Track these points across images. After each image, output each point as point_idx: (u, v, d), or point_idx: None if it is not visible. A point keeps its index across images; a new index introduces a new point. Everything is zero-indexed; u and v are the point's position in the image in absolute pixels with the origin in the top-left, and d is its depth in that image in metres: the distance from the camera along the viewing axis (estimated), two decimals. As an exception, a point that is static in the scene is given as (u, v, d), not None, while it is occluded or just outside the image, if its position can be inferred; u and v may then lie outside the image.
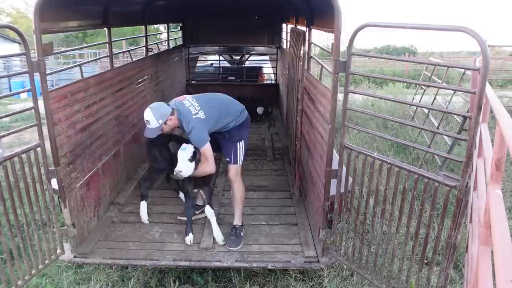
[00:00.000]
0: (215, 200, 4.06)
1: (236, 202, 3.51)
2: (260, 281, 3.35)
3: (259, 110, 7.73)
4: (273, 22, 8.42)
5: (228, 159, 3.44)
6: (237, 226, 3.45)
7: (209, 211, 3.46)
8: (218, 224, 3.48)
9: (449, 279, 2.49)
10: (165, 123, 3.11)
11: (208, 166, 3.20)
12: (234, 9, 7.50)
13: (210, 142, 3.20)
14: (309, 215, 3.81)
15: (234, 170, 3.45)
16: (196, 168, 3.17)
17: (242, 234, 3.44)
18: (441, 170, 5.35)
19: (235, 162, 3.42)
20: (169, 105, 3.21)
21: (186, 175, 3.16)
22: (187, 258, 3.18)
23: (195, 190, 3.64)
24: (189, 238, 3.37)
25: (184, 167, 3.10)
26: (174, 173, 3.16)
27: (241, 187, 3.51)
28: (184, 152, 3.12)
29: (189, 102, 3.20)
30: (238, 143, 3.40)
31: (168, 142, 3.36)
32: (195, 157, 3.15)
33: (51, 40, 7.30)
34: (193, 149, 3.13)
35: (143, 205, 3.75)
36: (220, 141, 3.47)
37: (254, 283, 3.32)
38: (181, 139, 3.47)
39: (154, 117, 3.07)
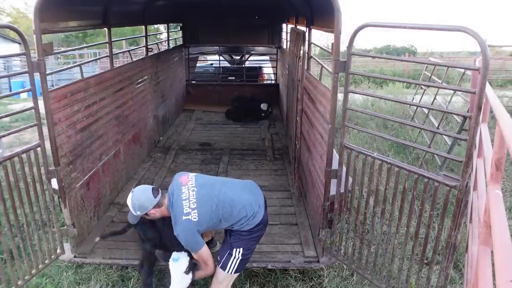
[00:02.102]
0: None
1: None
2: (260, 281, 3.35)
3: (263, 106, 7.67)
4: (273, 22, 8.43)
5: (219, 258, 2.73)
6: None
7: None
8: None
9: (449, 279, 2.49)
10: (146, 214, 2.62)
11: (209, 270, 2.69)
12: (234, 9, 7.51)
13: None
14: (309, 215, 3.81)
15: (218, 277, 2.72)
16: (194, 277, 2.64)
17: None
18: (441, 170, 5.36)
19: (223, 267, 2.68)
20: (158, 191, 2.63)
21: None
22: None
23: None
24: None
25: (179, 283, 2.50)
26: None
27: None
28: (177, 264, 2.53)
29: (187, 193, 2.57)
30: (234, 249, 2.65)
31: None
32: (193, 267, 2.58)
33: (51, 40, 7.30)
34: (188, 258, 2.57)
35: None
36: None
37: (254, 283, 3.32)
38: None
39: (132, 207, 2.60)
